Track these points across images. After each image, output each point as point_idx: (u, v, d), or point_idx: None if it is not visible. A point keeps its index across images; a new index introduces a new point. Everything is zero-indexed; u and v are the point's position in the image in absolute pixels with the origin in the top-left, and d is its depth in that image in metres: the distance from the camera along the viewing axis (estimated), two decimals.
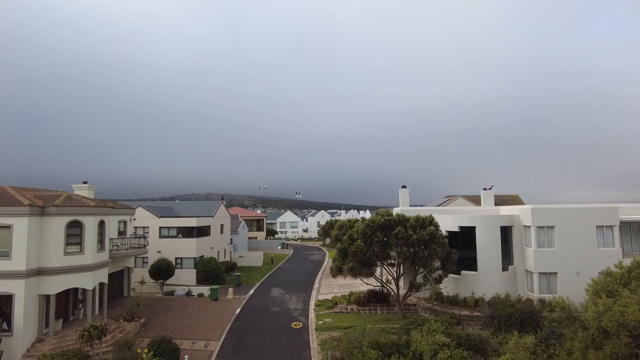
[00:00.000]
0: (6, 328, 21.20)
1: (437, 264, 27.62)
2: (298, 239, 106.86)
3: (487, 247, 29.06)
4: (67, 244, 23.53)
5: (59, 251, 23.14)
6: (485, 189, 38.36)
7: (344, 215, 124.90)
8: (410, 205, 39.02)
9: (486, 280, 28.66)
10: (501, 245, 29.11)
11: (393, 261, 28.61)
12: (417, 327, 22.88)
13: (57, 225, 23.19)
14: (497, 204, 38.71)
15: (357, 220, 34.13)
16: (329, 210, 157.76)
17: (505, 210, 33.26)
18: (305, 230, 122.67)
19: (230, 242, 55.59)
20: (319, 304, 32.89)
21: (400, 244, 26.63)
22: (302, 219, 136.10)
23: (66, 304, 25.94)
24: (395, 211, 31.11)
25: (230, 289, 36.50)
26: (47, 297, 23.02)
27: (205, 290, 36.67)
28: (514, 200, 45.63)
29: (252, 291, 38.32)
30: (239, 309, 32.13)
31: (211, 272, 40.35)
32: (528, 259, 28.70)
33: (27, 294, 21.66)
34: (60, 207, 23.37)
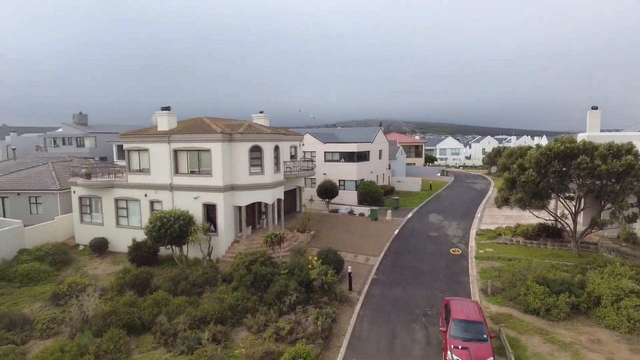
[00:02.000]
0: (213, 229, 26.81)
1: (632, 200, 23.24)
2: (459, 166, 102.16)
3: None
4: (251, 165, 27.59)
5: (245, 171, 27.39)
6: None
7: (514, 142, 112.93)
8: (602, 131, 32.79)
9: None
10: None
11: (572, 194, 25.16)
12: (596, 267, 20.34)
13: (242, 149, 27.19)
14: None
15: (529, 148, 30.59)
16: (496, 136, 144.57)
17: None
18: (468, 158, 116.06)
19: (389, 168, 56.73)
20: (480, 233, 31.81)
21: (582, 176, 23.06)
22: (465, 146, 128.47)
23: (253, 215, 31.07)
24: (581, 137, 26.65)
25: (389, 211, 37.99)
26: (239, 208, 27.95)
27: (365, 210, 39.04)
28: None
29: (410, 215, 39.17)
30: (397, 230, 33.48)
31: (371, 194, 42.45)
32: None
33: (225, 204, 26.66)
34: (244, 134, 27.17)
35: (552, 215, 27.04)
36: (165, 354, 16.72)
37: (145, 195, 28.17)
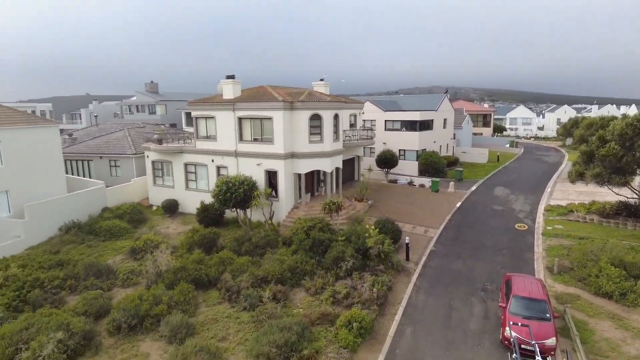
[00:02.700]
0: (274, 195, 27.75)
1: None
2: (531, 137, 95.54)
3: None
4: (310, 133, 27.81)
5: (304, 140, 27.70)
6: None
7: (595, 112, 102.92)
8: None
9: None
10: None
11: None
12: None
13: (303, 118, 27.42)
14: None
15: (613, 118, 27.82)
16: (574, 106, 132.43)
17: None
18: (541, 128, 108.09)
19: (453, 138, 54.49)
20: (549, 209, 29.99)
21: None
22: (538, 115, 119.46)
23: (312, 182, 31.61)
24: None
25: (452, 183, 36.83)
26: (299, 175, 28.54)
27: (426, 181, 38.16)
28: None
29: (474, 187, 37.72)
30: (459, 203, 32.50)
31: (432, 165, 41.27)
32: None
33: (285, 171, 27.34)
34: (304, 102, 27.31)
35: (635, 193, 24.71)
36: (229, 308, 17.98)
37: (212, 160, 29.62)
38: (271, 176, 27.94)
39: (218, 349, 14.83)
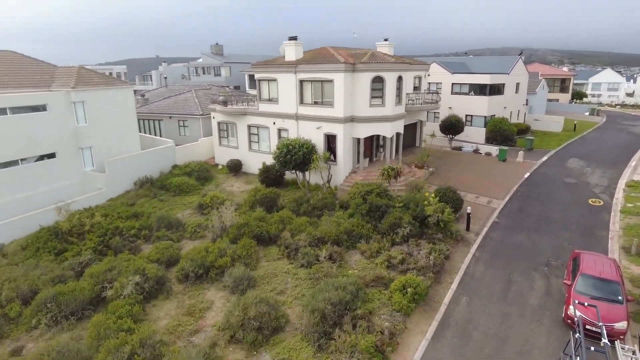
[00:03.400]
0: (333, 159, 27.90)
1: None
2: (616, 105, 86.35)
3: None
4: (372, 97, 27.22)
5: (365, 103, 27.21)
6: None
7: None
8: None
9: None
10: None
11: None
12: None
13: (364, 80, 26.81)
14: None
15: None
16: None
17: None
18: (630, 94, 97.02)
19: (526, 103, 50.73)
20: (632, 185, 27.44)
21: None
22: (628, 80, 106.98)
23: (371, 147, 31.26)
24: None
25: (521, 152, 34.68)
26: (358, 140, 28.31)
27: (493, 149, 36.27)
28: None
29: (545, 158, 35.29)
30: (527, 174, 30.69)
31: (501, 132, 38.95)
32: None
33: (344, 135, 27.23)
34: (367, 64, 26.59)
35: None
36: (288, 264, 18.80)
37: (274, 123, 30.18)
38: (330, 140, 28.00)
39: (276, 301, 15.70)
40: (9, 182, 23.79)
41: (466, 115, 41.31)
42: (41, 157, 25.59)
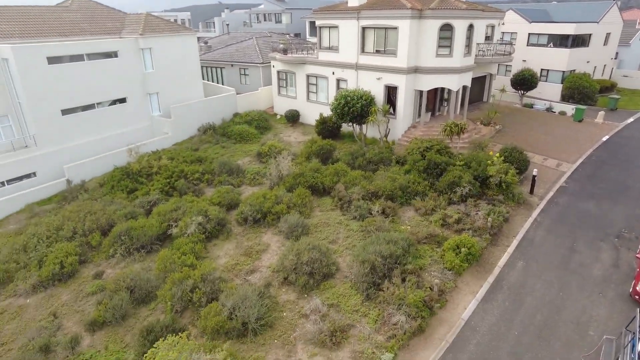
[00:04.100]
0: (392, 112, 27.08)
1: None
2: None
3: None
4: (439, 46, 25.55)
5: (431, 53, 25.65)
6: None
7: None
8: None
9: None
10: None
11: None
12: None
13: (431, 27, 25.10)
14: None
15: None
16: None
17: None
18: None
19: (614, 57, 45.29)
20: None
21: None
22: None
23: (434, 101, 29.85)
24: None
25: (601, 113, 31.51)
26: (420, 92, 27.09)
27: (569, 108, 33.26)
28: None
29: (630, 120, 31.85)
30: (606, 136, 28.02)
31: (580, 89, 35.38)
32: None
33: (406, 87, 26.12)
34: (435, 10, 24.75)
35: None
36: (341, 216, 19.09)
37: (333, 73, 29.56)
38: (390, 92, 27.04)
39: (328, 249, 16.16)
40: (88, 125, 25.73)
41: (541, 70, 37.84)
42: (114, 102, 27.26)
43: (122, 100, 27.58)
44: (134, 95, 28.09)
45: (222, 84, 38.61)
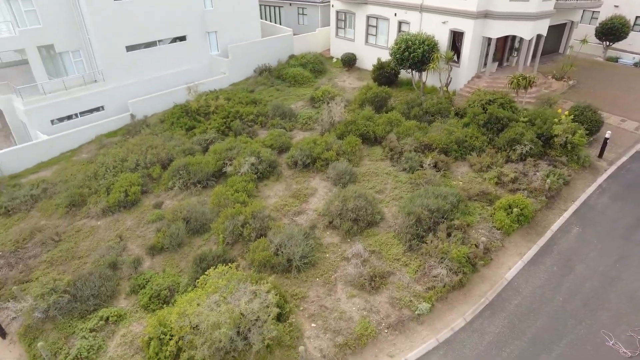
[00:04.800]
0: (455, 60, 25.43)
1: None
2: None
3: None
4: None
5: None
6: None
7: None
8: None
9: None
10: None
11: None
12: None
13: None
14: None
15: None
16: None
17: None
18: None
19: None
20: None
21: None
22: None
23: (503, 50, 27.56)
24: None
25: None
26: (489, 39, 25.04)
27: None
28: None
29: None
30: None
31: None
32: None
33: (474, 33, 24.22)
34: None
35: None
36: (390, 166, 18.89)
37: (395, 14, 27.90)
38: (456, 38, 25.23)
39: (374, 198, 16.24)
40: (150, 62, 26.59)
41: (636, 18, 33.31)
42: (174, 40, 27.74)
43: (182, 39, 28.01)
44: (193, 34, 28.37)
45: (280, 24, 37.86)
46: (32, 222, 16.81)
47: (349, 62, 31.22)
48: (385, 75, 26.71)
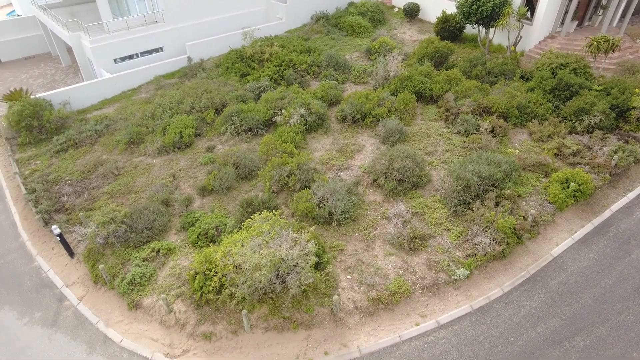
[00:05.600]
0: (529, 17, 23.25)
1: None
2: None
3: None
4: None
5: None
6: None
7: None
8: None
9: None
10: None
11: None
12: None
13: None
14: None
15: None
16: None
17: None
18: None
19: None
20: None
21: None
22: None
23: (586, 6, 24.75)
24: None
25: None
26: None
27: None
28: None
29: None
30: None
31: None
32: None
33: None
34: None
35: None
36: (444, 128, 18.19)
37: None
38: None
39: (423, 160, 15.84)
40: (208, 4, 26.47)
41: None
42: None
43: None
44: None
45: None
46: (96, 156, 18.09)
47: (412, 12, 29.48)
48: (449, 29, 25.09)
